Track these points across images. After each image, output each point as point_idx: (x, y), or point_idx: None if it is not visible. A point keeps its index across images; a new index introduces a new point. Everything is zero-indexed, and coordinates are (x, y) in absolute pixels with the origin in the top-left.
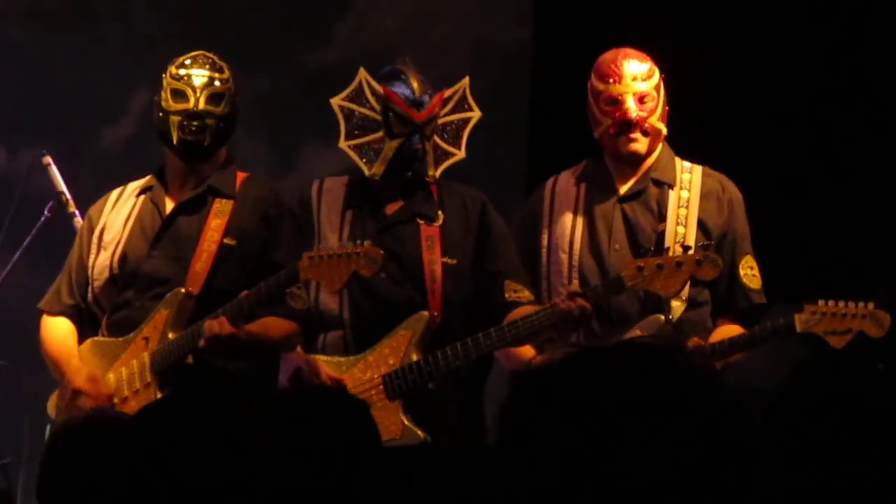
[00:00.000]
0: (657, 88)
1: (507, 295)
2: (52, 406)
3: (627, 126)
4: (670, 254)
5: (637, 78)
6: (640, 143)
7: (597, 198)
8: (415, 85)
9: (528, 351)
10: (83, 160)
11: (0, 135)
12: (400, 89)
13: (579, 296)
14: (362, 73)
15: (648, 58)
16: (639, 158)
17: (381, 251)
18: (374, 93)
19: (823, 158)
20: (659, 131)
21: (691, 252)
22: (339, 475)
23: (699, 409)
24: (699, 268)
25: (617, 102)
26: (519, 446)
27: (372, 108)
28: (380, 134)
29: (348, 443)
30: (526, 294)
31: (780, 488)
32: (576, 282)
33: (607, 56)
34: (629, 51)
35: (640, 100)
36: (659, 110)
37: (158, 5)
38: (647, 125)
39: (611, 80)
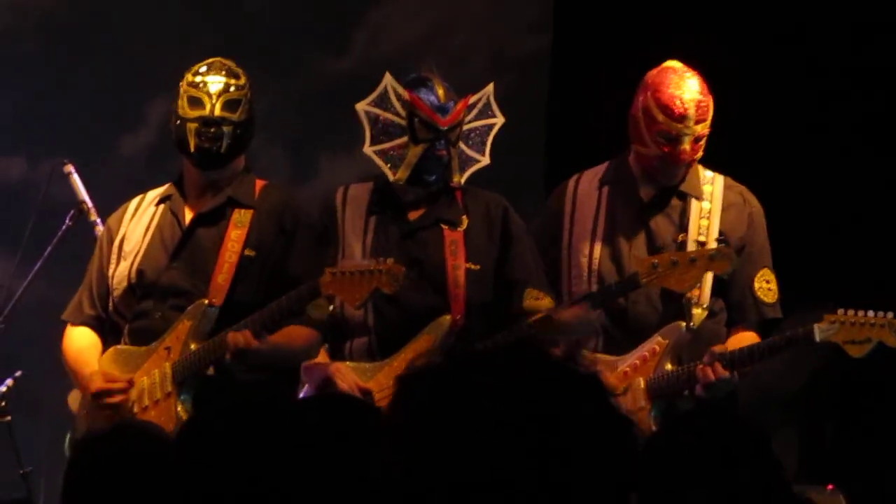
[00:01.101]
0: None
1: (526, 303)
2: (73, 401)
3: (677, 158)
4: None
5: (700, 121)
6: (679, 171)
7: (619, 204)
8: (440, 92)
9: None
10: (104, 169)
11: (21, 144)
12: (425, 95)
13: (570, 304)
14: (388, 79)
15: (705, 85)
16: (669, 181)
17: (403, 268)
18: (399, 98)
19: (845, 166)
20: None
21: (706, 247)
22: (357, 485)
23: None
24: (712, 262)
25: (674, 141)
26: (402, 450)
27: (397, 114)
28: (404, 139)
29: (367, 452)
30: (546, 301)
31: None
32: (594, 286)
33: (671, 81)
34: (694, 84)
35: (696, 140)
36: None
37: (176, 14)
38: (694, 157)
39: (673, 117)
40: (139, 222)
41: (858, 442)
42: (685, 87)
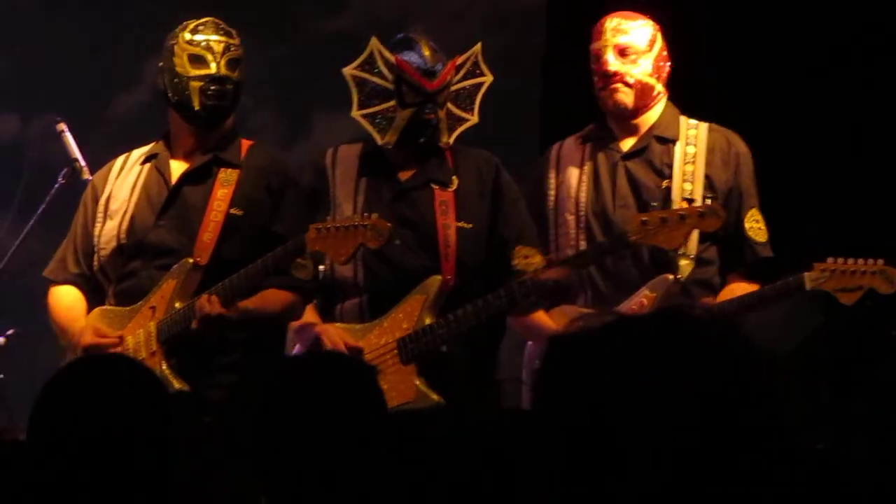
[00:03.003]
0: (646, 44)
1: (515, 262)
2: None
3: (607, 78)
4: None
5: (617, 32)
6: (622, 95)
7: (600, 157)
8: (427, 54)
9: (544, 318)
10: (97, 127)
11: (13, 102)
12: (412, 59)
13: (557, 265)
14: (374, 43)
15: (641, 17)
16: (626, 111)
17: (389, 224)
18: (386, 62)
19: (836, 118)
20: (648, 86)
21: (695, 204)
22: (344, 442)
23: (736, 377)
24: (702, 220)
25: (598, 57)
26: (552, 411)
27: (384, 78)
28: (392, 103)
29: (353, 409)
30: (537, 259)
31: None
32: (582, 242)
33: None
34: (619, 11)
35: (620, 52)
36: (646, 65)
37: None
38: (628, 77)
39: (594, 39)
40: (125, 181)
41: (853, 405)
42: (607, 15)
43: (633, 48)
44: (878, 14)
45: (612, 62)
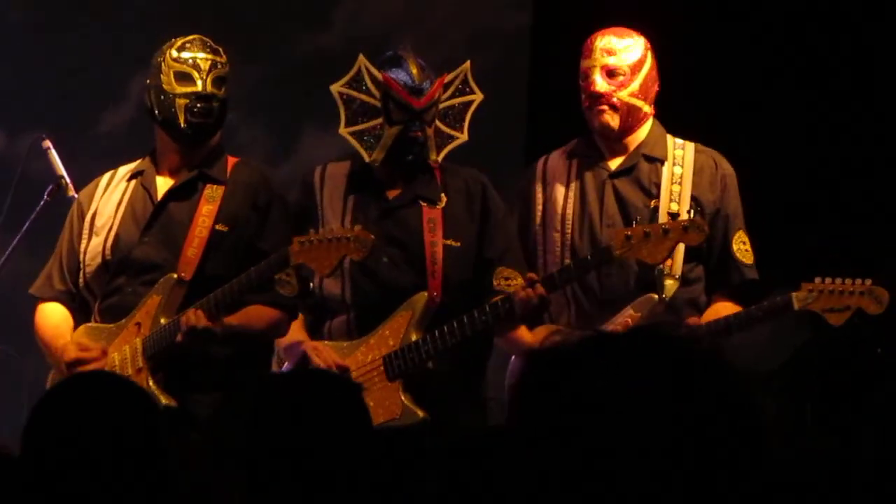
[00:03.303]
0: (634, 66)
1: (496, 283)
2: (50, 383)
3: (594, 99)
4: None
5: (606, 52)
6: (608, 116)
7: (587, 174)
8: (414, 72)
9: (526, 334)
10: (83, 144)
11: (0, 118)
12: (399, 76)
13: (538, 282)
14: (362, 60)
15: (631, 34)
16: (611, 132)
17: (372, 236)
18: (373, 79)
19: (822, 138)
20: (634, 107)
21: (679, 219)
22: (329, 458)
23: (711, 396)
24: (686, 234)
25: (586, 77)
26: (530, 428)
27: (372, 95)
28: (380, 120)
29: (338, 426)
30: (518, 282)
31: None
32: (567, 260)
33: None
34: (610, 28)
35: (608, 74)
36: (633, 86)
37: None
38: (615, 100)
39: (583, 56)
40: (111, 198)
41: (839, 420)
42: (597, 32)
43: (622, 69)
44: (868, 34)
45: (600, 83)
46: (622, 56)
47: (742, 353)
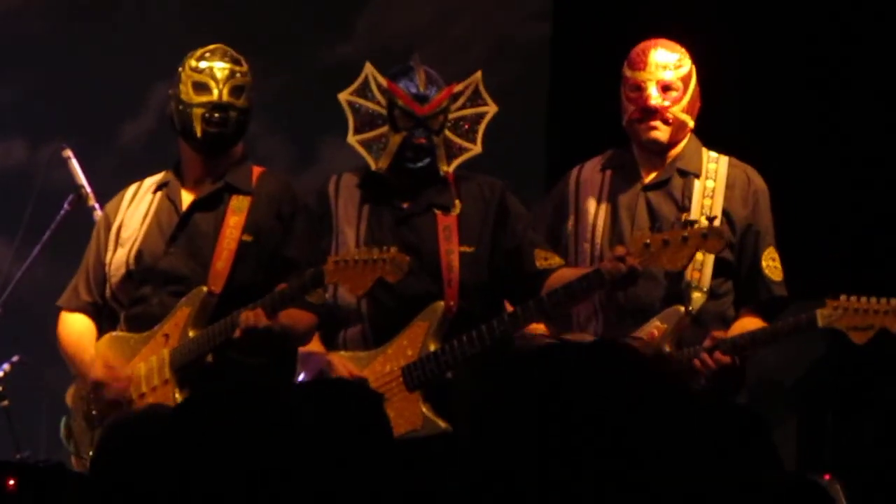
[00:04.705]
0: (685, 80)
1: (538, 263)
2: (69, 397)
3: (648, 113)
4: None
5: (662, 67)
6: (660, 132)
7: (621, 186)
8: (420, 80)
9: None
10: (103, 154)
11: (21, 128)
12: (405, 84)
13: (625, 257)
14: (368, 68)
15: (680, 49)
16: (659, 147)
17: (407, 257)
18: (379, 87)
19: (853, 153)
20: (683, 122)
21: (697, 226)
22: (350, 470)
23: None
24: (705, 241)
25: (640, 89)
26: (479, 431)
27: (378, 103)
28: (386, 128)
29: (360, 436)
30: (557, 260)
31: None
32: None
33: (639, 45)
34: (661, 41)
35: (664, 88)
36: (684, 101)
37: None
38: (668, 114)
39: (637, 68)
40: (137, 209)
41: (858, 432)
42: (650, 43)
43: (676, 84)
44: None
45: (655, 97)
46: (676, 71)
47: (764, 366)
